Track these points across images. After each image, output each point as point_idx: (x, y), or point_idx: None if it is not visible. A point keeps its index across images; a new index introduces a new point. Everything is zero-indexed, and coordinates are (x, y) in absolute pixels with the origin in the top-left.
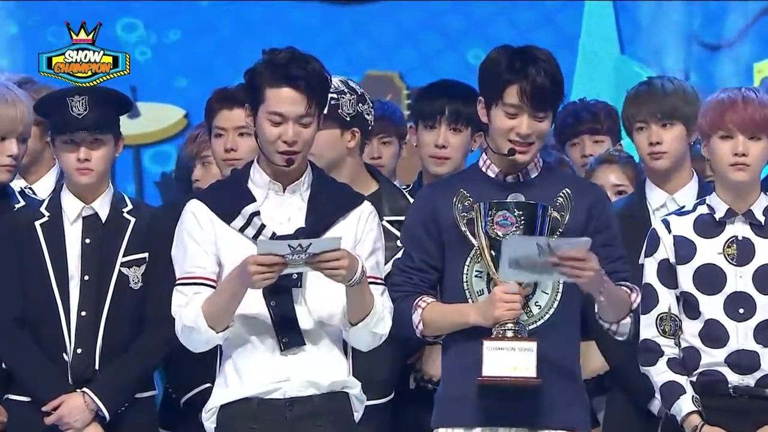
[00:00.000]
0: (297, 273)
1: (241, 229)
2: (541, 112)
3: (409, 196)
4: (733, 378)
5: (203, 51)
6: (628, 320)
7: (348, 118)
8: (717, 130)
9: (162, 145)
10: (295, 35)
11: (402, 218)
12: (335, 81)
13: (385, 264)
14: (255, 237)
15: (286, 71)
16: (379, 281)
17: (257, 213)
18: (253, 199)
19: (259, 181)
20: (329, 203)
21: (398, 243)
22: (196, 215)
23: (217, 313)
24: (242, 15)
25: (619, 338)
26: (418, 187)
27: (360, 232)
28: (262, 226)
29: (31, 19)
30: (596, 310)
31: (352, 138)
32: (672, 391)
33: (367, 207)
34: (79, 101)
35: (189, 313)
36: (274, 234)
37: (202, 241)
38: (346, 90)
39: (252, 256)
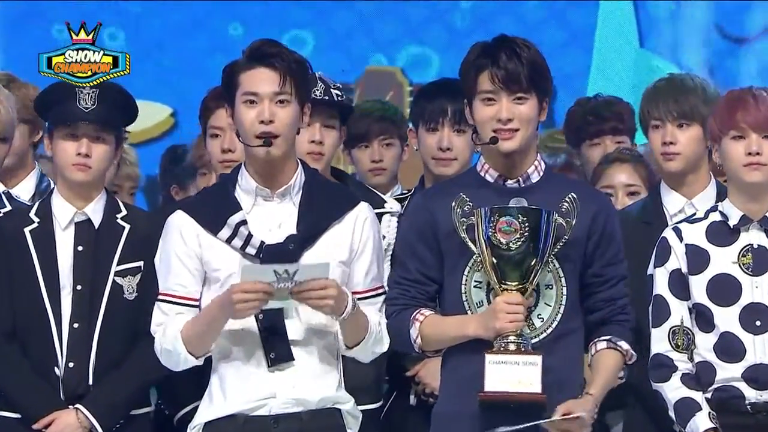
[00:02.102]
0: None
1: (228, 240)
2: (520, 93)
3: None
4: (751, 394)
5: (197, 47)
6: (623, 373)
7: (347, 115)
8: (728, 130)
9: (147, 146)
10: (293, 29)
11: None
12: (325, 78)
13: None
14: (243, 247)
15: (257, 52)
16: (380, 291)
17: (244, 222)
18: (238, 208)
19: (246, 186)
20: (322, 206)
21: None
22: (181, 230)
23: (195, 339)
24: (239, 9)
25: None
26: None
27: (357, 240)
28: (249, 236)
29: (13, 12)
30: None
31: (343, 135)
32: (687, 408)
33: (364, 209)
34: (89, 94)
35: (168, 336)
36: (262, 243)
37: (186, 258)
38: (339, 86)
39: (236, 284)
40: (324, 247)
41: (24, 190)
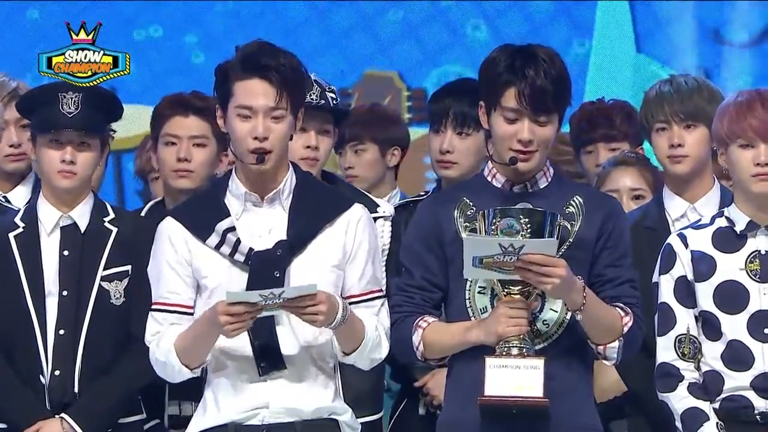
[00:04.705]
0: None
1: (217, 247)
2: (543, 116)
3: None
4: (760, 403)
5: (190, 48)
6: (616, 344)
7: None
8: (736, 138)
9: None
10: (288, 31)
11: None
12: (320, 80)
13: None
14: (231, 254)
15: (254, 61)
16: (377, 294)
17: (232, 228)
18: (227, 214)
19: (236, 192)
20: (313, 210)
21: None
22: (170, 237)
23: (189, 351)
24: (233, 10)
25: (607, 363)
26: None
27: (350, 242)
28: (238, 242)
29: None
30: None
31: (335, 138)
32: (694, 419)
33: (357, 211)
34: (71, 99)
35: (162, 348)
36: (251, 249)
37: (177, 265)
38: (334, 88)
39: (221, 305)
40: (315, 251)
41: (20, 194)
